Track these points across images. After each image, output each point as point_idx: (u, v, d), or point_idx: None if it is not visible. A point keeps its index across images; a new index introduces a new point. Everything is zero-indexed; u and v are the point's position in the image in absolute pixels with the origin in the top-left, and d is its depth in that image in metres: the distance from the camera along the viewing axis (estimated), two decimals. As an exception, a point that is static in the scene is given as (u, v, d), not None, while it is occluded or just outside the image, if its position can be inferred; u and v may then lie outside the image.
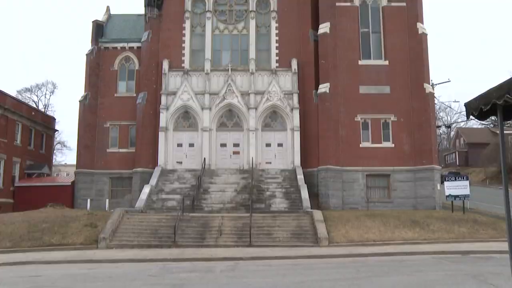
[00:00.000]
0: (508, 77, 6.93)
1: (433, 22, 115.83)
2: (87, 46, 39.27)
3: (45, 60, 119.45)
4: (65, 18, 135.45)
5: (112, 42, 39.12)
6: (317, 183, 33.76)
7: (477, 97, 6.79)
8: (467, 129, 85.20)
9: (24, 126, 42.85)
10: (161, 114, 36.00)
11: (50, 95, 75.25)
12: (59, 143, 75.28)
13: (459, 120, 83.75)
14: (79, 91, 77.35)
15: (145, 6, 37.91)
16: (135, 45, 38.68)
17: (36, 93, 74.27)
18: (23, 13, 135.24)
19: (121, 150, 37.62)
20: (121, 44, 39.05)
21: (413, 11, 36.00)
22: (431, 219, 27.03)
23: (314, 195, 32.48)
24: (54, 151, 64.64)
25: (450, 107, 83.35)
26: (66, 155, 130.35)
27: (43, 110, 67.92)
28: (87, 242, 24.10)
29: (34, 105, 66.46)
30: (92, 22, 39.39)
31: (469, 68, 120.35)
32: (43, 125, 46.92)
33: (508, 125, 70.95)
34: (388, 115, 34.87)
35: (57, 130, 54.03)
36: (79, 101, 37.80)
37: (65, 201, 35.17)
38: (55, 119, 52.95)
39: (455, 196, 29.69)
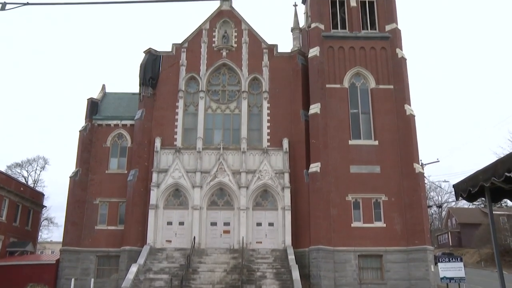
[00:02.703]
0: (493, 159, 7.00)
1: (422, 104, 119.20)
2: (81, 122, 39.74)
3: (39, 135, 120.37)
4: (62, 96, 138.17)
5: (105, 119, 39.61)
6: (308, 263, 33.01)
7: (465, 179, 6.82)
8: (458, 209, 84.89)
9: (11, 202, 42.14)
10: (151, 192, 35.75)
11: (41, 171, 74.76)
12: (46, 219, 73.86)
13: (450, 200, 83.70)
14: (71, 166, 77.21)
15: (139, 85, 38.89)
16: (128, 122, 39.17)
17: (26, 168, 73.87)
18: (19, 89, 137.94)
19: (109, 227, 36.86)
20: (115, 122, 39.51)
21: (401, 93, 37.12)
22: (426, 303, 26.21)
23: (305, 276, 31.69)
24: (41, 228, 63.25)
25: (440, 187, 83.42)
26: (52, 231, 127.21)
27: (32, 185, 67.27)
28: (68, 325, 23.00)
29: (23, 180, 65.86)
30: (87, 99, 40.09)
31: (458, 148, 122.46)
32: (31, 201, 46.21)
33: (499, 205, 70.95)
34: (379, 195, 34.88)
35: (45, 206, 53.18)
36: (70, 177, 37.57)
37: (47, 281, 33.87)
38: (43, 194, 52.25)
39: (450, 279, 29.03)
